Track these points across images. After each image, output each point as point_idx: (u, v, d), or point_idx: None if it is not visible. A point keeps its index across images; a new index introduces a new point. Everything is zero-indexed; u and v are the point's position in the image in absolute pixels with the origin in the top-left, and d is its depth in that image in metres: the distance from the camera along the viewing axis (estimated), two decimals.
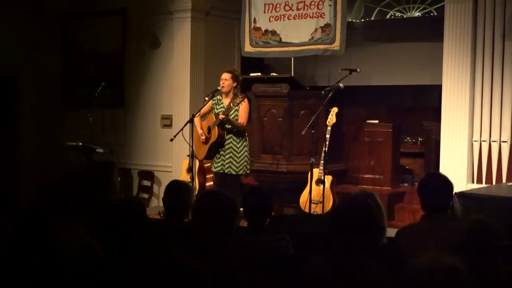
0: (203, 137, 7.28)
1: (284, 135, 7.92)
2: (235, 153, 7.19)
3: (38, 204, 4.00)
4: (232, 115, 7.11)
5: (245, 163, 7.24)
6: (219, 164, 7.27)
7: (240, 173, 7.26)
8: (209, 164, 7.67)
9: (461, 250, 3.03)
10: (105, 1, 10.10)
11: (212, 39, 9.49)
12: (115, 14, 10.04)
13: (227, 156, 7.20)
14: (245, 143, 7.26)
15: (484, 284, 2.86)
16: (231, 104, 7.01)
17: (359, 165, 8.33)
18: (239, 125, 7.12)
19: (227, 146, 7.21)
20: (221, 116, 7.00)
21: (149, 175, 9.76)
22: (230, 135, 7.20)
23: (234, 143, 7.21)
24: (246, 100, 7.13)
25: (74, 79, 10.49)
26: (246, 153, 7.25)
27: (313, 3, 8.25)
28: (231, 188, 7.03)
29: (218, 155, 7.29)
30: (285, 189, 7.80)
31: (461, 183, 7.14)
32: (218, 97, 7.33)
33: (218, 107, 7.30)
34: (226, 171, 7.20)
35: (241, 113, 7.13)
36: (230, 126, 7.15)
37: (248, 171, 7.48)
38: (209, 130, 7.27)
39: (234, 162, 7.19)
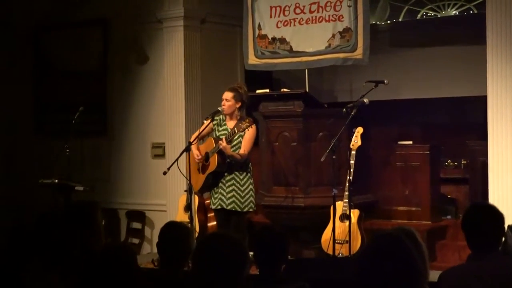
0: (199, 159, 7.27)
1: (300, 162, 7.91)
2: (238, 186, 7.19)
3: (8, 252, 4.01)
4: (235, 142, 7.11)
5: (251, 198, 7.25)
6: (217, 200, 7.26)
7: (245, 210, 7.26)
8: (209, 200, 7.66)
9: None
10: (82, 10, 10.16)
11: (209, 50, 9.54)
12: (94, 25, 10.11)
13: (228, 190, 7.19)
14: (249, 175, 7.26)
15: None
16: (236, 129, 7.00)
17: (391, 196, 8.30)
18: (240, 159, 7.13)
19: (228, 178, 7.21)
20: (221, 143, 7.00)
21: (139, 215, 9.75)
22: (232, 165, 7.20)
23: (238, 174, 7.21)
24: (253, 125, 7.11)
25: (47, 103, 10.54)
26: (251, 186, 7.26)
27: (328, 4, 8.28)
28: (236, 228, 7.02)
29: (216, 189, 7.28)
30: (303, 228, 7.77)
31: None
32: (221, 116, 7.34)
33: (220, 128, 7.31)
34: (228, 207, 7.19)
35: (246, 141, 7.12)
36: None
37: (255, 208, 7.47)
38: (207, 157, 7.26)
39: (239, 197, 7.18)
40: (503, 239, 4.16)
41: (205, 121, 7.42)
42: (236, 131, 7.00)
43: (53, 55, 10.54)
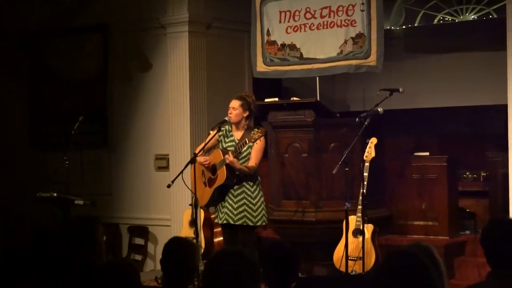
0: (207, 163, 7.24)
1: (311, 174, 7.91)
2: (250, 199, 7.17)
3: (3, 270, 4.01)
4: (245, 153, 7.10)
5: (263, 211, 7.23)
6: (223, 215, 7.23)
7: (258, 223, 7.25)
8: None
9: None
10: (81, 16, 10.19)
11: (215, 57, 9.55)
12: (94, 31, 10.14)
13: (238, 204, 7.16)
14: (260, 186, 7.25)
15: None
16: (246, 139, 6.99)
17: (407, 210, 8.29)
18: (249, 172, 7.13)
19: (238, 191, 7.19)
20: (227, 158, 6.98)
21: (142, 231, 9.75)
22: (241, 177, 7.19)
23: (248, 186, 7.19)
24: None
25: (45, 114, 10.57)
26: (262, 198, 7.24)
27: (341, 8, 8.29)
28: (244, 244, 7.00)
29: (223, 203, 7.26)
30: (314, 243, 7.76)
31: None
32: (227, 127, 7.33)
33: (226, 139, 7.30)
34: (238, 222, 7.17)
35: (255, 152, 7.11)
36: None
37: (267, 222, 7.46)
38: (215, 169, 7.25)
39: (250, 211, 7.15)
40: None
41: (211, 132, 7.42)
42: (247, 142, 6.99)
43: (51, 63, 10.56)
